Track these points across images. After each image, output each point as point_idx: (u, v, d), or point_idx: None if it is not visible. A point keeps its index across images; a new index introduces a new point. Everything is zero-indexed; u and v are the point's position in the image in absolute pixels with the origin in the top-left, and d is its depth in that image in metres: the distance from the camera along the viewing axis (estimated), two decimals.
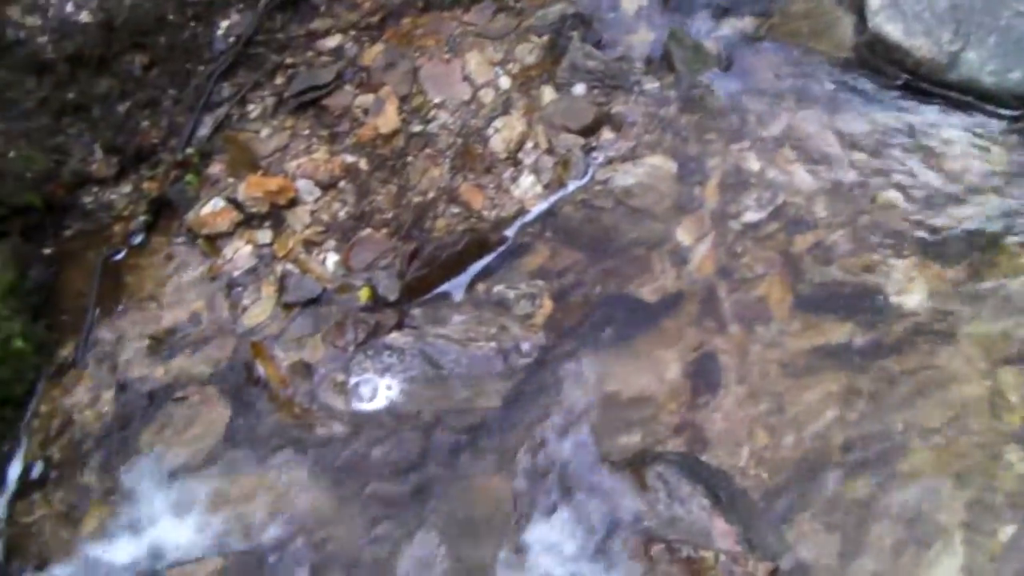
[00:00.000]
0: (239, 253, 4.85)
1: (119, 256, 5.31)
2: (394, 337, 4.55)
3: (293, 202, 4.98)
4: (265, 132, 5.24)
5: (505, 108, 5.09)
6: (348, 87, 5.26)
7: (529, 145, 4.94)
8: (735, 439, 4.28)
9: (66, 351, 4.83)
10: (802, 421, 4.26)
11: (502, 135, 4.96)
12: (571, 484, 4.16)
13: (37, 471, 4.59)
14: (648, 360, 4.50)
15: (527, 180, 4.82)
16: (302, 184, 4.98)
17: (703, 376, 4.49)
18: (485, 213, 4.80)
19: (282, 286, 4.73)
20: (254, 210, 4.94)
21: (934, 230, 4.49)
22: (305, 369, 4.50)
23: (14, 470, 4.76)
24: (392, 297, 4.62)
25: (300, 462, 4.58)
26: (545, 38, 5.22)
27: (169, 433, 4.62)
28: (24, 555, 4.64)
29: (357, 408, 4.46)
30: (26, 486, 4.61)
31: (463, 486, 4.34)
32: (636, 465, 4.27)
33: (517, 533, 4.08)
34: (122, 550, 4.54)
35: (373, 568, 4.19)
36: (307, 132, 5.13)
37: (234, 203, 4.98)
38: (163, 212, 5.33)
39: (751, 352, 4.31)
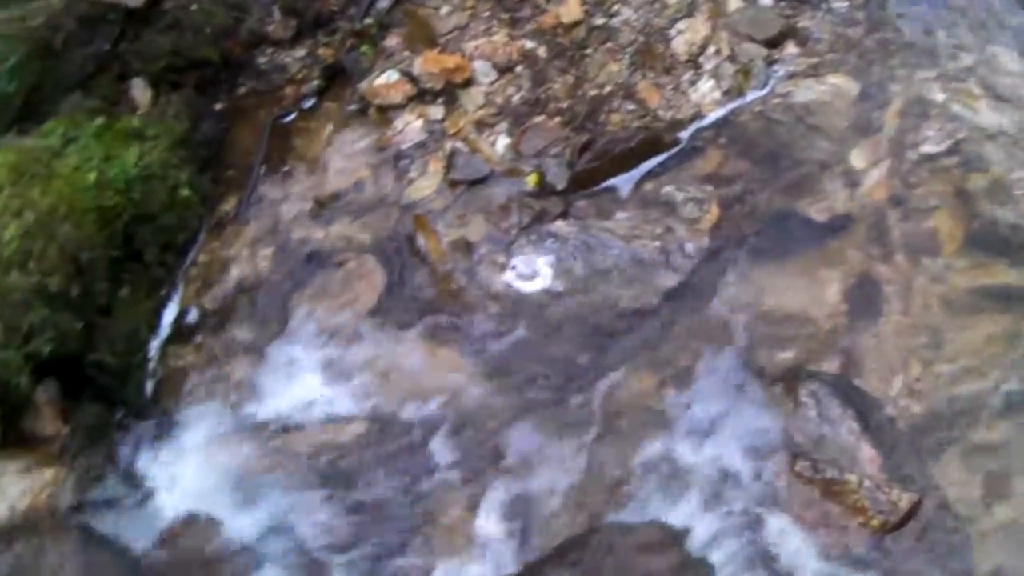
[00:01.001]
0: (410, 127, 4.84)
1: (289, 118, 5.37)
2: (558, 225, 4.50)
3: (468, 82, 5.02)
4: (445, 10, 5.26)
5: (690, 11, 5.06)
6: None
7: (711, 50, 4.86)
8: (889, 368, 4.27)
9: (229, 205, 4.85)
10: (958, 359, 4.23)
11: (685, 37, 4.92)
12: (721, 390, 4.06)
13: (191, 318, 4.65)
14: (809, 279, 4.45)
15: (706, 85, 4.76)
16: (479, 65, 4.99)
17: (863, 301, 4.46)
18: (660, 113, 4.74)
19: (450, 163, 4.71)
20: (428, 86, 5.01)
21: None
22: (466, 247, 4.50)
23: (169, 314, 4.88)
24: (560, 186, 4.57)
25: (451, 338, 4.60)
26: None
27: (324, 295, 4.60)
28: (172, 397, 4.75)
29: (514, 291, 4.40)
30: (179, 331, 4.69)
31: (611, 381, 4.25)
32: (789, 381, 4.26)
33: (662, 434, 3.93)
34: (267, 404, 4.60)
35: (512, 452, 4.04)
36: (487, 14, 5.10)
37: (408, 77, 5.05)
38: (336, 79, 5.35)
39: (915, 283, 4.26)
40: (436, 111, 4.86)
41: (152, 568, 3.97)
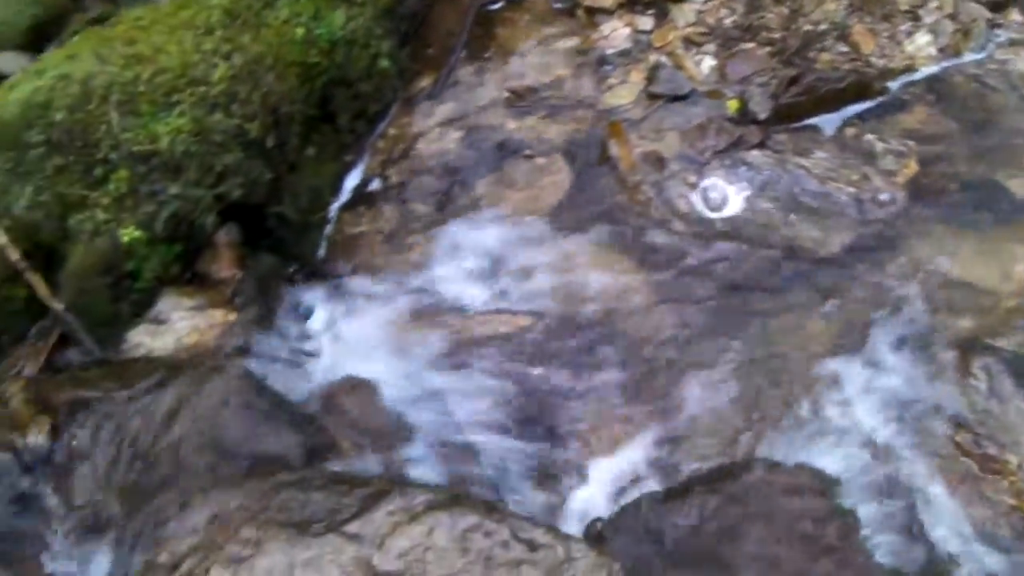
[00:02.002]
0: (616, 33, 4.78)
1: (495, 6, 5.35)
2: (754, 155, 4.45)
3: None
4: None
5: None
6: None
7: (933, 4, 4.75)
8: None
9: (424, 83, 4.85)
10: None
11: None
12: (891, 349, 4.00)
13: (373, 187, 4.65)
14: (1000, 252, 4.40)
15: (923, 39, 4.64)
16: None
17: None
18: (873, 60, 4.65)
19: (652, 76, 4.67)
20: None
21: None
22: (657, 161, 4.45)
23: (352, 180, 4.93)
24: (761, 115, 4.51)
25: (628, 248, 4.59)
26: None
27: (508, 186, 4.56)
28: (344, 260, 4.81)
29: (700, 212, 4.38)
30: (359, 198, 4.69)
31: (781, 321, 4.29)
32: (963, 351, 4.17)
33: (825, 383, 4.00)
34: (437, 283, 4.64)
35: (671, 371, 4.23)
36: None
37: None
38: None
39: None
40: (645, 22, 4.80)
41: (307, 420, 3.90)
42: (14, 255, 4.11)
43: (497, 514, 3.45)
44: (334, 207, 4.62)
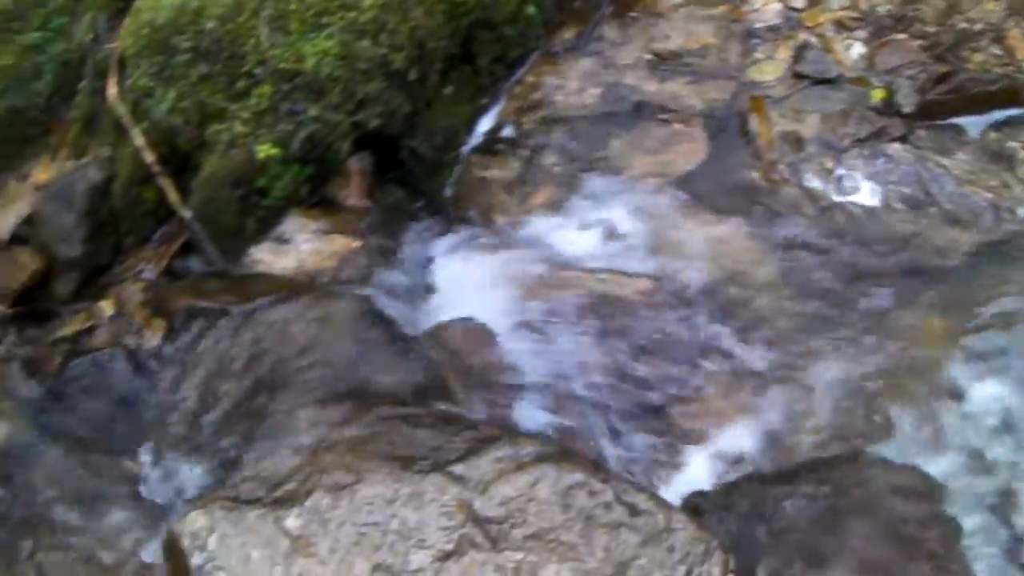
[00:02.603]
0: (767, 6, 4.74)
1: None
2: (895, 148, 4.40)
3: None
4: None
5: None
6: None
7: None
8: None
9: (568, 35, 4.83)
10: None
11: None
12: (1014, 360, 3.93)
13: (506, 133, 4.62)
14: None
15: None
16: None
17: None
18: None
19: (799, 55, 4.62)
20: None
21: None
22: (796, 142, 4.42)
23: (485, 124, 4.92)
24: (907, 109, 4.46)
25: (758, 224, 4.59)
26: None
27: (641, 148, 4.56)
28: (469, 203, 4.88)
29: (832, 198, 4.34)
30: (490, 143, 4.64)
31: (902, 318, 4.29)
32: None
33: (942, 386, 4.12)
34: (559, 237, 4.69)
35: (785, 353, 4.19)
36: None
37: None
38: None
39: None
40: None
41: (419, 357, 3.91)
42: (149, 158, 4.14)
43: (603, 474, 3.48)
44: (465, 148, 4.53)
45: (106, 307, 4.28)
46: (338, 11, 4.40)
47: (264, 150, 4.06)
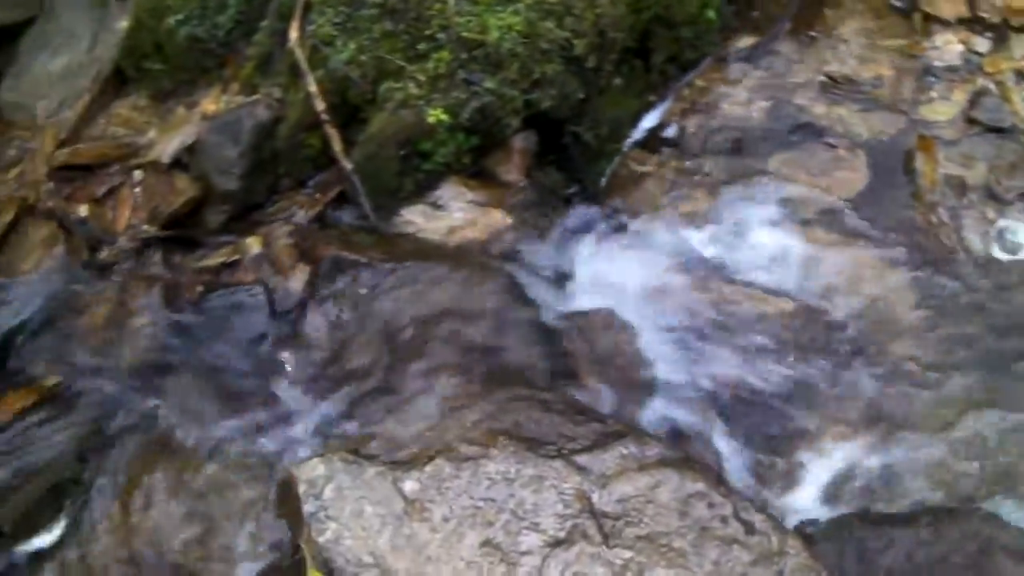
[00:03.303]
0: (949, 47, 4.69)
1: None
2: None
3: None
4: None
5: None
6: None
7: None
8: None
9: (742, 44, 4.87)
10: None
11: None
12: None
13: (668, 132, 4.65)
14: None
15: None
16: None
17: None
18: None
19: (975, 100, 4.58)
20: (985, 16, 4.91)
21: None
22: (960, 187, 4.39)
23: (649, 121, 4.95)
24: None
25: (908, 264, 4.60)
26: None
27: (801, 168, 4.61)
28: (623, 196, 4.92)
29: (990, 250, 4.29)
30: (652, 140, 4.70)
31: None
32: None
33: None
34: (708, 243, 4.77)
35: (915, 396, 4.27)
36: None
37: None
38: None
39: None
40: (981, 43, 4.69)
41: (556, 341, 3.94)
42: (320, 105, 4.17)
43: (723, 488, 3.46)
44: (627, 142, 4.49)
45: (253, 244, 4.32)
46: None
47: (435, 115, 4.09)
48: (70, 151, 4.64)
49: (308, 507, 3.47)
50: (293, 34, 4.28)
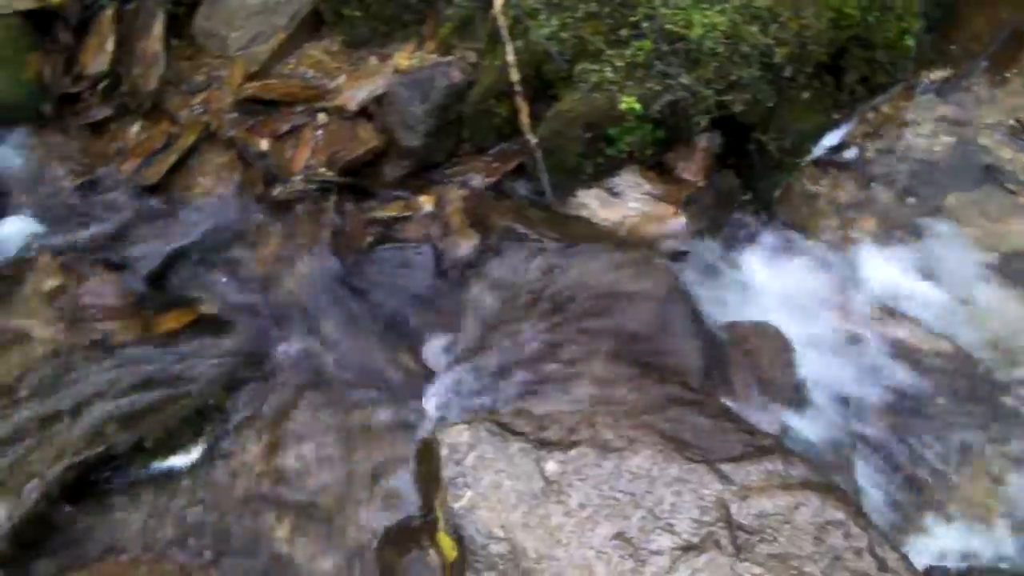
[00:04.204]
0: None
1: None
2: None
3: None
4: None
5: None
6: None
7: None
8: None
9: (934, 76, 4.87)
10: None
11: None
12: None
13: (847, 155, 4.58)
14: None
15: None
16: None
17: None
18: None
19: None
20: None
21: None
22: None
23: (830, 140, 4.96)
24: None
25: None
26: None
27: (978, 211, 4.62)
28: (793, 211, 4.93)
29: None
30: (830, 160, 4.70)
31: None
32: None
33: None
34: (875, 271, 4.76)
35: None
36: None
37: None
38: None
39: None
40: None
41: (713, 345, 4.13)
42: (515, 76, 4.19)
43: (863, 520, 3.41)
44: (807, 157, 4.43)
45: (425, 202, 4.36)
46: None
47: (627, 102, 4.11)
48: (260, 85, 4.67)
49: (447, 471, 3.52)
50: (498, 2, 4.28)
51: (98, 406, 4.04)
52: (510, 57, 4.23)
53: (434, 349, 4.07)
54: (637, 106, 4.08)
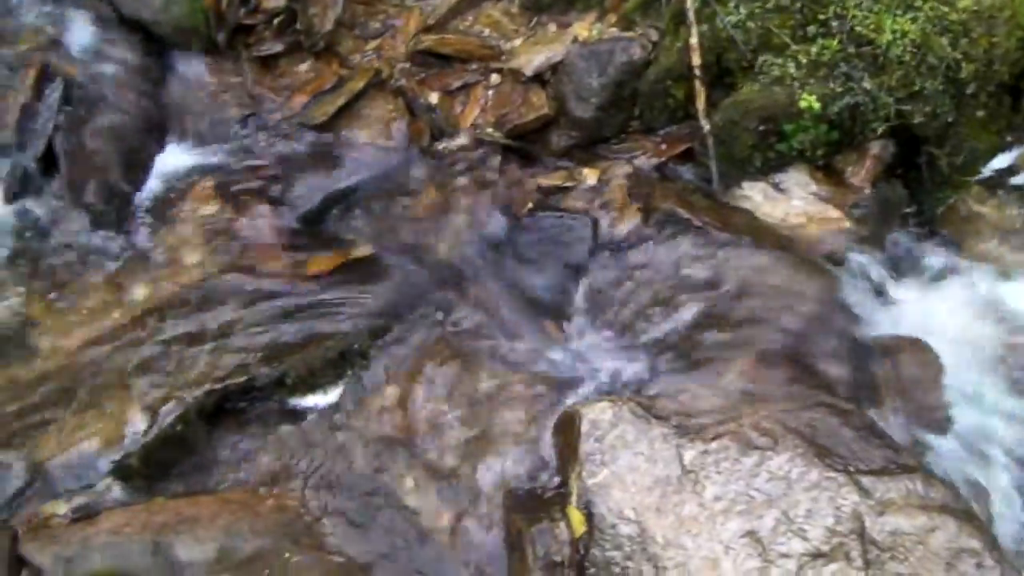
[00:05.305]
0: None
1: None
2: None
3: None
4: None
5: None
6: None
7: None
8: None
9: None
10: None
11: None
12: None
13: (1016, 180, 4.75)
14: None
15: None
16: None
17: None
18: None
19: None
20: None
21: None
22: None
23: (1000, 162, 4.85)
24: None
25: None
26: None
27: None
28: (954, 230, 4.90)
29: None
30: (997, 182, 4.71)
31: None
32: None
33: None
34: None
35: None
36: None
37: None
38: None
39: None
40: None
41: (864, 357, 4.29)
42: (696, 60, 4.17)
43: (998, 553, 3.34)
44: (976, 177, 4.36)
45: (589, 175, 4.34)
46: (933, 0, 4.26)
47: (807, 100, 4.08)
48: (436, 38, 4.68)
49: (586, 447, 3.53)
50: None
51: (243, 337, 4.13)
52: (694, 40, 4.22)
53: (581, 322, 4.06)
54: (816, 105, 4.05)
